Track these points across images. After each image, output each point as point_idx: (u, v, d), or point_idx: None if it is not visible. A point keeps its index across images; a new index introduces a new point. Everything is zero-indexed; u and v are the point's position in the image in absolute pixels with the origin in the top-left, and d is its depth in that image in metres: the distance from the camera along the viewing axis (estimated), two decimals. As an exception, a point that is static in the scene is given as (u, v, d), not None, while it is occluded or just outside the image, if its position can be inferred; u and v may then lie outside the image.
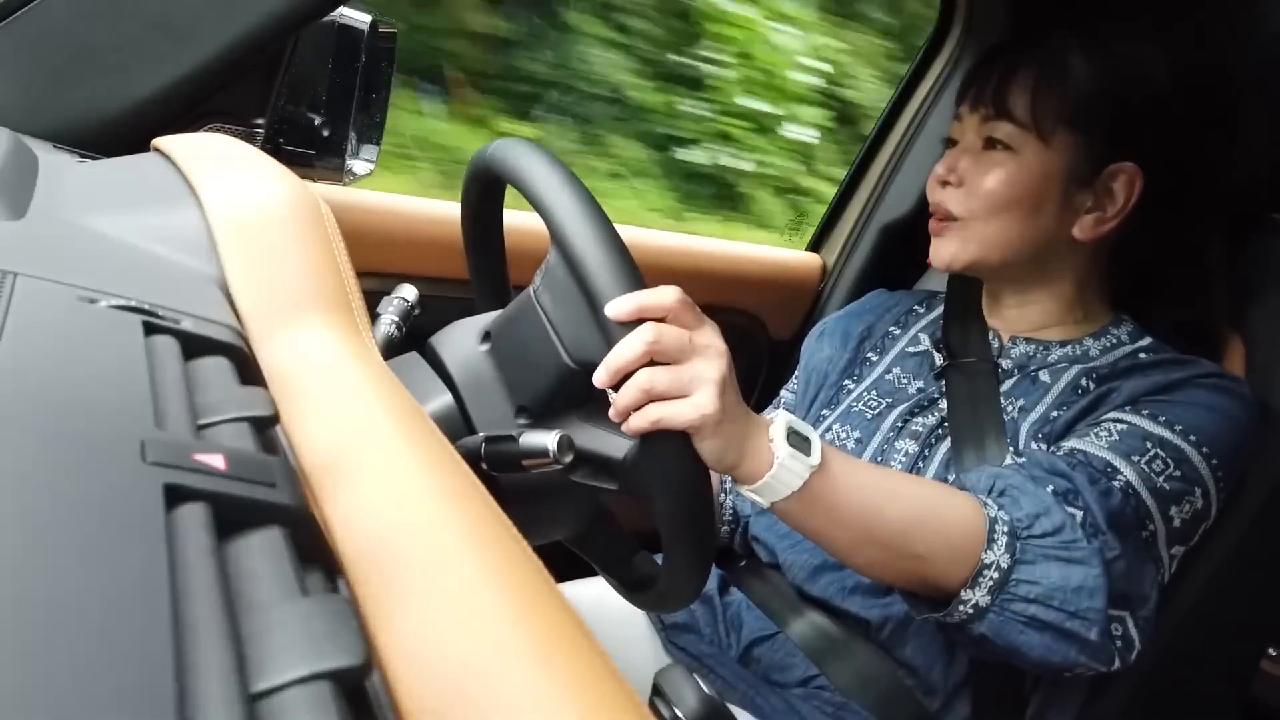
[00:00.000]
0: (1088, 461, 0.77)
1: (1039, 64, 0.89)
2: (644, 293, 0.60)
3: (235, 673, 0.18)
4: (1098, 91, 0.87)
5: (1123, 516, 0.75)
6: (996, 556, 0.71)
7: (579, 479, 0.68)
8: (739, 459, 0.65)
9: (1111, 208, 0.89)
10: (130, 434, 0.24)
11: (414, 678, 0.23)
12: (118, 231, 0.41)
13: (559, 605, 0.27)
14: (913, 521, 0.71)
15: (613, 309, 0.59)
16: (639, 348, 0.60)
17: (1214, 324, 0.97)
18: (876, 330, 1.08)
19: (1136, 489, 0.76)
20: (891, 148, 1.51)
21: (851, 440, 0.96)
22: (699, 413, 0.60)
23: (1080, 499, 0.75)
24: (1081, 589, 0.71)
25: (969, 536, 0.71)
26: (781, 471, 0.65)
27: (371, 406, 0.35)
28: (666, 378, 0.60)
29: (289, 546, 0.23)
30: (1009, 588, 0.71)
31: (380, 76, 0.88)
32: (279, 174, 0.45)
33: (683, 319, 0.62)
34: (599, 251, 0.60)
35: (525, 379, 0.69)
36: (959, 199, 0.91)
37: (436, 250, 1.21)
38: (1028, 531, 0.72)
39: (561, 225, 0.61)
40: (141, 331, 0.30)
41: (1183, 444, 0.79)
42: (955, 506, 0.73)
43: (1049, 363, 0.92)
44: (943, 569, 0.72)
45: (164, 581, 0.20)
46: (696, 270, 1.49)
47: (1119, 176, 0.88)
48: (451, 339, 0.74)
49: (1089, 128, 0.87)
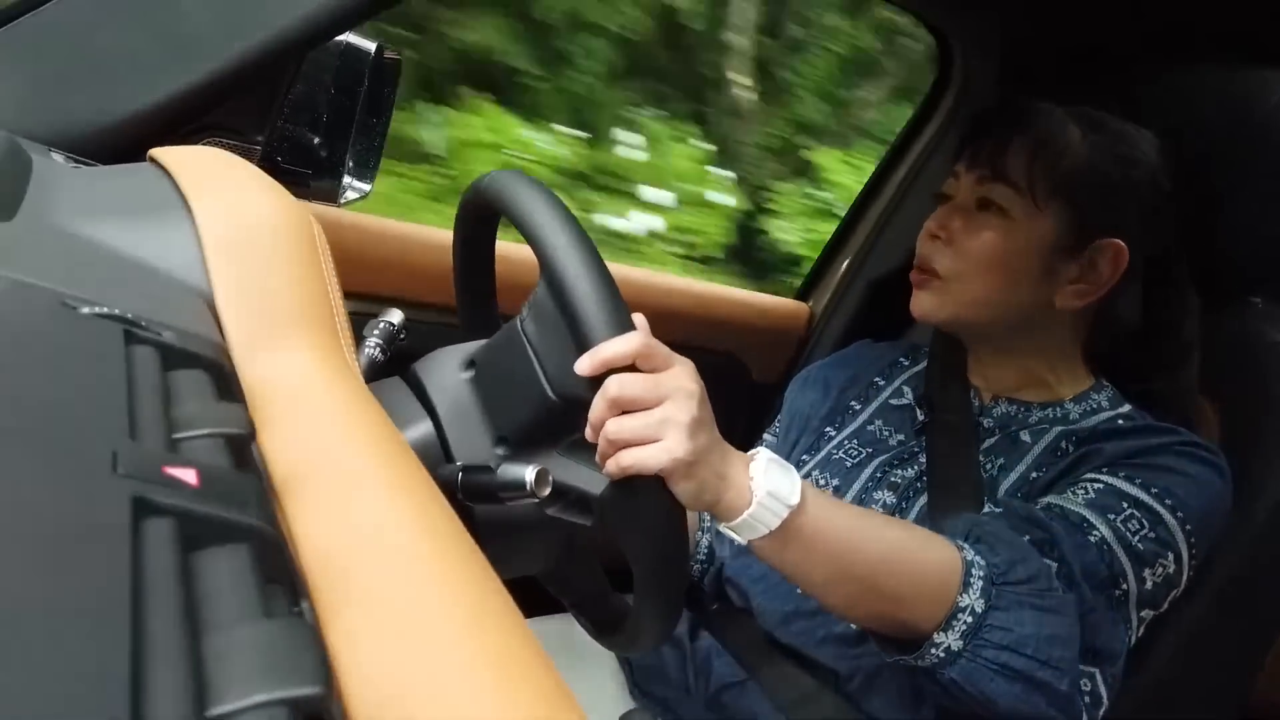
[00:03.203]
0: (1064, 515, 0.78)
1: (1037, 133, 0.90)
2: (606, 346, 0.59)
3: (193, 695, 0.18)
4: (1091, 167, 0.89)
5: (1097, 571, 0.75)
6: (971, 600, 0.71)
7: (554, 513, 0.68)
8: (716, 498, 0.65)
9: (1095, 281, 0.90)
10: (103, 443, 0.23)
11: (372, 707, 0.23)
12: (106, 239, 0.40)
13: (525, 642, 0.27)
14: (889, 562, 0.71)
15: (579, 368, 0.60)
16: (602, 406, 0.61)
17: (1190, 396, 0.97)
18: (861, 379, 1.08)
19: (1112, 545, 0.77)
20: (884, 201, 1.53)
21: (830, 488, 0.97)
22: (669, 456, 0.60)
23: (1056, 550, 0.75)
24: (1055, 638, 0.71)
25: (944, 579, 0.71)
26: (760, 510, 0.65)
27: (349, 428, 0.34)
28: (634, 424, 0.61)
29: (254, 566, 0.23)
30: (982, 633, 0.71)
31: (382, 102, 0.88)
32: (274, 191, 0.45)
33: (651, 362, 0.62)
34: (587, 291, 0.60)
35: (507, 408, 0.69)
36: (946, 256, 0.92)
37: (425, 276, 1.21)
38: (1003, 577, 0.72)
39: (551, 260, 0.61)
40: (122, 340, 0.30)
41: (1159, 507, 0.79)
42: (932, 549, 0.73)
43: (1029, 423, 0.92)
44: (917, 611, 0.72)
45: (126, 596, 0.19)
46: (683, 311, 1.49)
47: (1105, 252, 0.90)
48: (435, 365, 0.74)
49: (1080, 200, 0.89)
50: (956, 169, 0.96)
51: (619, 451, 0.61)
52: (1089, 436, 0.87)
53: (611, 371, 0.60)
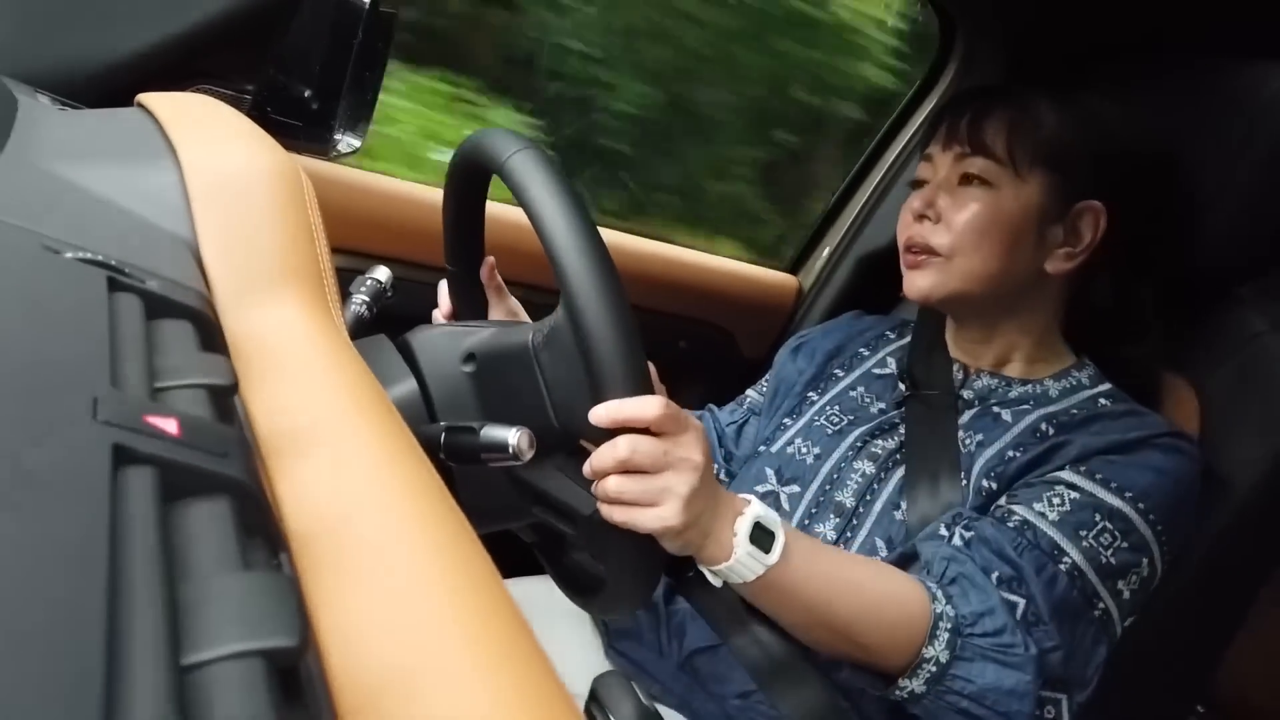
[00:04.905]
0: (1035, 543, 0.80)
1: (1012, 108, 0.93)
2: (627, 404, 0.61)
3: (168, 642, 0.18)
4: (1067, 137, 0.92)
5: (1069, 601, 0.79)
6: (937, 652, 0.75)
7: (539, 513, 0.70)
8: (699, 550, 0.69)
9: (1079, 244, 0.94)
10: (83, 390, 0.23)
11: (349, 664, 0.23)
12: (91, 183, 0.40)
13: (502, 603, 0.27)
14: (862, 615, 0.75)
15: (595, 416, 0.61)
16: (610, 463, 0.63)
17: (1151, 371, 1.00)
18: (847, 349, 1.11)
19: (1083, 570, 0.80)
20: (878, 178, 1.52)
21: (811, 455, 0.98)
22: (662, 523, 0.63)
23: (1025, 588, 0.78)
24: (1013, 693, 0.75)
25: (913, 631, 0.75)
26: (737, 565, 0.69)
27: (333, 385, 0.34)
28: (636, 489, 0.63)
29: (235, 519, 0.23)
30: (945, 681, 0.75)
31: (376, 55, 0.87)
32: (263, 141, 0.45)
33: (665, 427, 0.63)
34: (612, 340, 0.60)
35: (505, 416, 0.68)
36: (939, 234, 0.93)
37: (415, 234, 1.21)
38: (970, 629, 0.76)
39: (575, 295, 0.60)
40: (105, 287, 0.29)
41: (1130, 511, 0.81)
42: (904, 600, 0.76)
43: (1009, 400, 0.94)
44: (884, 658, 0.76)
45: (103, 543, 0.19)
46: (675, 281, 1.49)
47: (1085, 215, 0.93)
48: (432, 345, 0.72)
49: (1060, 168, 0.92)
50: (928, 153, 0.98)
51: (614, 506, 0.64)
52: (1068, 420, 0.89)
53: (625, 429, 0.62)
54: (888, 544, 0.90)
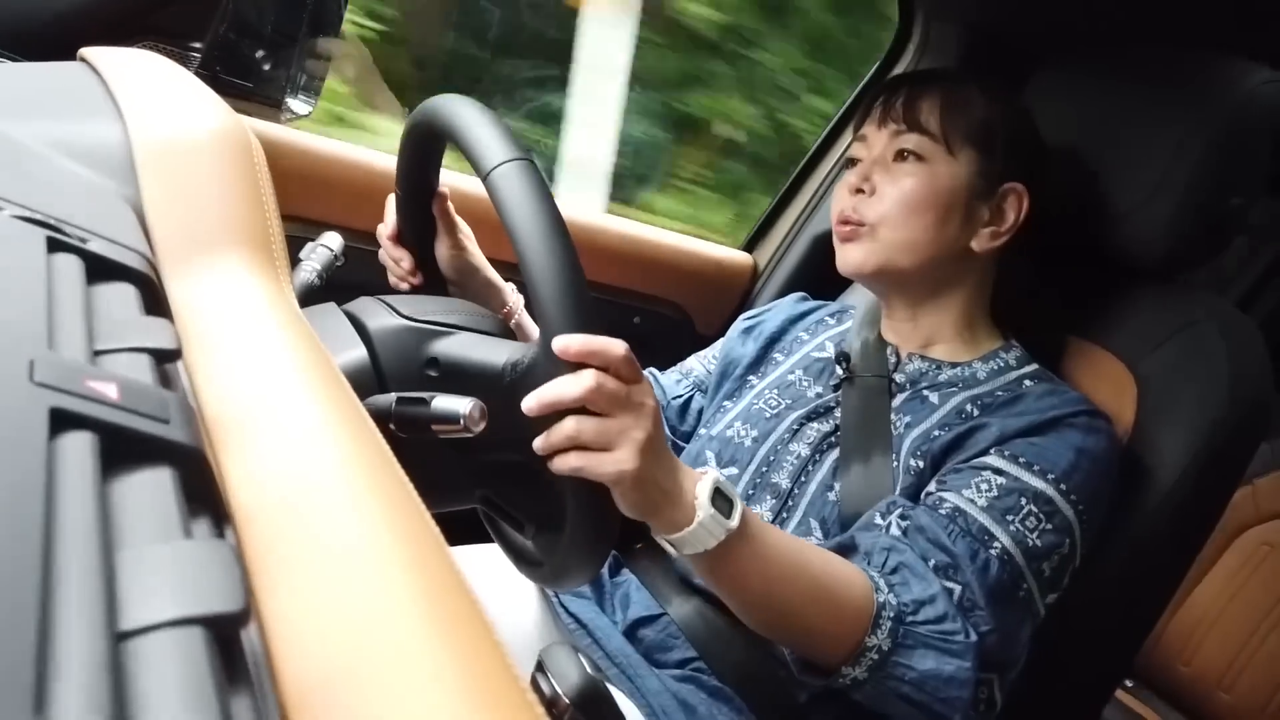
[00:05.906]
0: (967, 529, 0.83)
1: (944, 89, 0.98)
2: (596, 339, 0.61)
3: (103, 608, 0.18)
4: (996, 120, 0.97)
5: (999, 586, 0.81)
6: (879, 640, 0.76)
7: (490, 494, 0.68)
8: (655, 513, 0.67)
9: (1004, 224, 0.98)
10: (18, 351, 0.23)
11: (292, 637, 0.23)
12: (31, 139, 0.39)
13: (449, 576, 0.27)
14: (809, 600, 0.76)
15: (561, 343, 0.60)
16: (577, 391, 0.61)
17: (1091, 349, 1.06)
18: (788, 334, 1.13)
19: (1011, 554, 0.82)
20: (832, 160, 1.53)
21: (749, 439, 1.00)
22: (618, 468, 0.62)
23: (960, 574, 0.81)
24: (952, 680, 0.77)
25: (858, 620, 0.76)
26: (700, 530, 0.68)
27: (281, 355, 0.34)
28: (594, 429, 0.62)
29: (176, 487, 0.23)
30: (887, 668, 0.77)
31: (328, 18, 0.85)
32: (210, 101, 0.44)
33: (624, 373, 0.63)
34: (560, 284, 0.60)
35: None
36: (871, 206, 0.96)
37: (368, 201, 1.19)
38: (912, 617, 0.78)
39: (527, 251, 0.61)
40: (44, 246, 0.28)
41: (1053, 493, 0.84)
42: (850, 587, 0.77)
43: (939, 383, 0.97)
44: (828, 645, 0.77)
45: (38, 508, 0.19)
46: (631, 256, 1.49)
47: (1010, 196, 0.98)
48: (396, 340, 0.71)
49: (986, 148, 0.96)
50: (863, 133, 1.01)
51: (570, 451, 0.63)
52: (991, 402, 0.92)
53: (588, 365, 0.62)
54: (821, 525, 0.91)
